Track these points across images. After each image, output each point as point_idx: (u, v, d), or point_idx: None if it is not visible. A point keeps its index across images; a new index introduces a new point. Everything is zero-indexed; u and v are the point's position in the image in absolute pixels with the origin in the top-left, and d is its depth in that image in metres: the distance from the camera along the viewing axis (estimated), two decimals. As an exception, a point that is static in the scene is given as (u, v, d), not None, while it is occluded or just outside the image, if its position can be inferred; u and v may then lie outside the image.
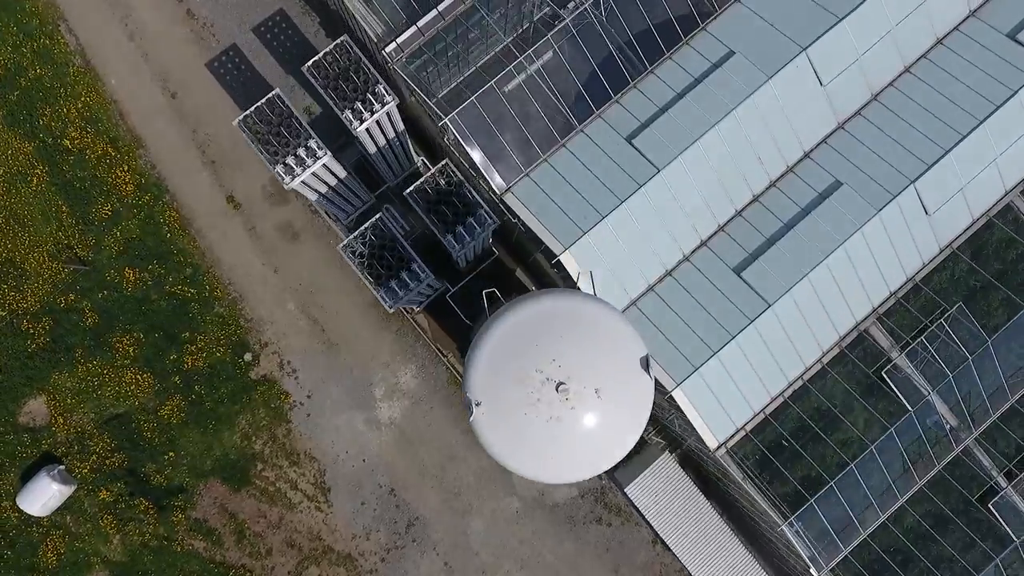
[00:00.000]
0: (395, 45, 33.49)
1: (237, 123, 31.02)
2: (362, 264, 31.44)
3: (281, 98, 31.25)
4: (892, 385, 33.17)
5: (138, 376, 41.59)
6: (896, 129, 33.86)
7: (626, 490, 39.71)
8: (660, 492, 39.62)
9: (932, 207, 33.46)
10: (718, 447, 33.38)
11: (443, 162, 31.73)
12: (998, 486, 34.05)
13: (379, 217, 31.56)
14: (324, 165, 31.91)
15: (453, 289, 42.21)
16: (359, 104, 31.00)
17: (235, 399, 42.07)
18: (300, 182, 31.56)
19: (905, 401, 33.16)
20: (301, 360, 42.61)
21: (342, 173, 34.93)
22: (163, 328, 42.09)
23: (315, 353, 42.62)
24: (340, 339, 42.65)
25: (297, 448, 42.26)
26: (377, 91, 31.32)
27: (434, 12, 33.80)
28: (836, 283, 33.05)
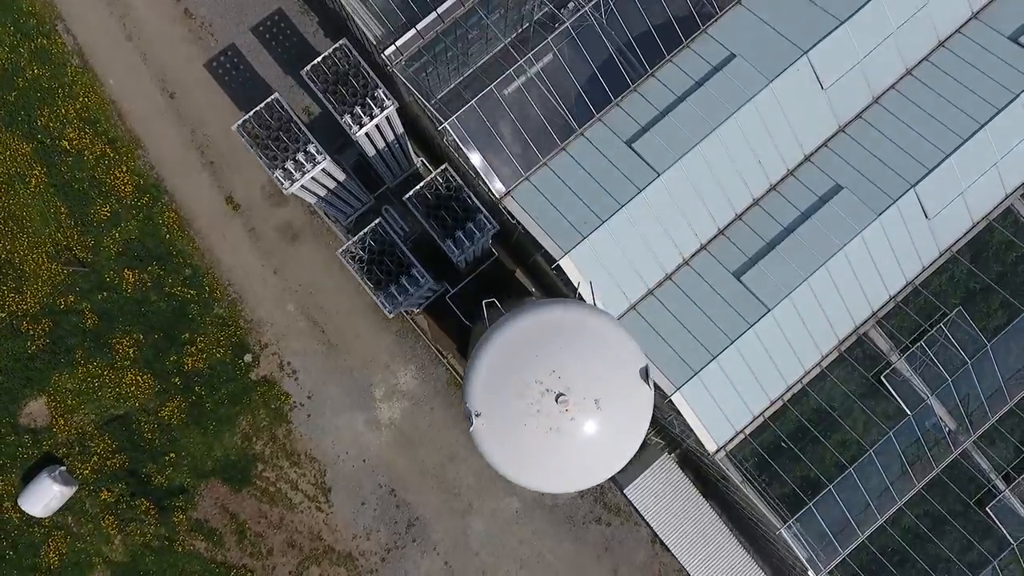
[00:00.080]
0: (394, 48, 33.37)
1: (236, 128, 30.93)
2: (362, 269, 31.41)
3: (280, 102, 31.14)
4: (891, 389, 33.21)
5: (138, 377, 41.62)
6: (897, 132, 33.75)
7: (625, 491, 39.84)
8: (659, 493, 39.75)
9: (932, 211, 33.41)
10: (717, 450, 33.46)
11: (443, 167, 31.66)
12: (996, 489, 34.15)
13: (378, 222, 31.50)
14: (323, 169, 31.83)
15: (453, 290, 42.20)
16: (358, 109, 30.89)
17: (235, 400, 42.12)
18: (299, 187, 31.49)
19: (904, 405, 33.21)
20: (301, 361, 42.64)
21: (341, 176, 34.86)
22: (163, 329, 42.09)
23: (315, 354, 42.64)
24: (340, 340, 42.67)
25: (297, 449, 42.34)
26: (376, 95, 31.21)
27: (433, 15, 33.65)
28: (836, 287, 33.03)
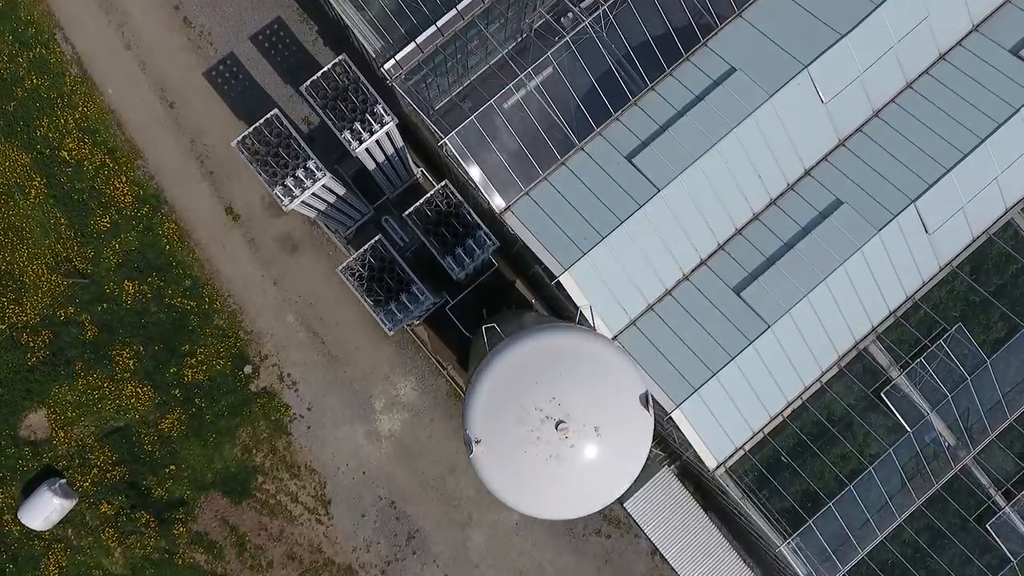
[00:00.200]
0: (394, 62, 33.26)
1: (235, 144, 30.84)
2: (361, 287, 31.34)
3: (279, 118, 31.05)
4: (891, 405, 33.14)
5: (138, 389, 41.58)
6: (897, 146, 33.59)
7: (625, 504, 39.81)
8: (659, 506, 39.71)
9: (932, 226, 33.29)
10: (717, 467, 33.40)
11: (443, 183, 31.57)
12: (996, 505, 34.09)
13: (378, 239, 31.42)
14: (323, 185, 31.75)
15: (453, 301, 42.16)
16: (358, 125, 30.80)
17: (235, 412, 42.09)
18: (299, 203, 31.41)
19: (904, 422, 33.14)
20: (301, 372, 42.60)
21: (341, 190, 34.78)
22: (163, 341, 42.04)
23: (315, 365, 42.60)
24: (340, 351, 42.61)
25: (297, 461, 42.32)
26: (376, 111, 31.12)
27: (433, 28, 33.54)
28: (836, 303, 32.92)
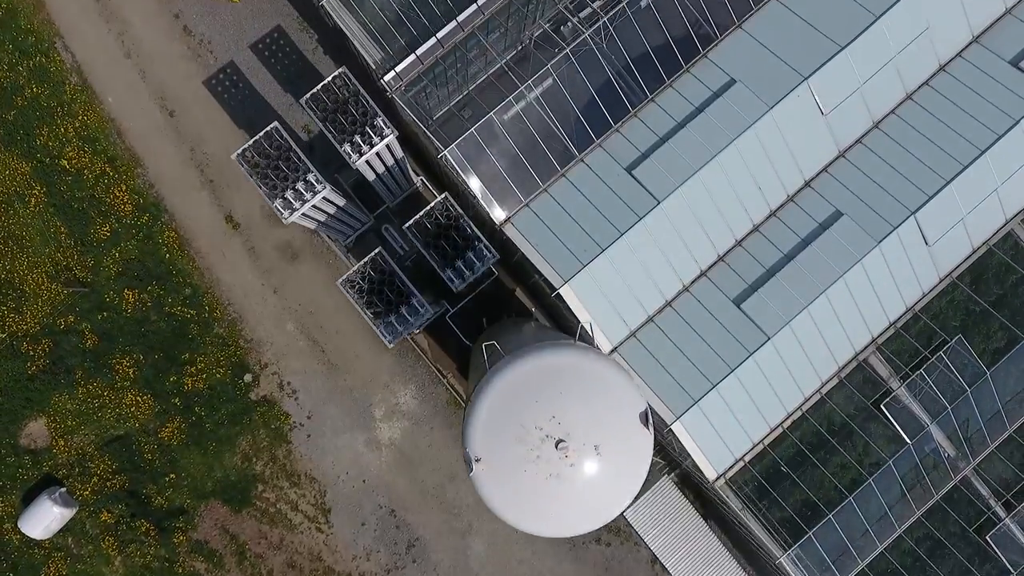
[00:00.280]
0: (394, 74, 33.27)
1: (235, 157, 30.84)
2: (361, 299, 31.35)
3: (279, 131, 31.04)
4: (891, 417, 33.17)
5: (138, 398, 41.60)
6: (897, 158, 33.60)
7: (625, 513, 39.79)
8: (659, 515, 39.75)
9: (932, 238, 33.31)
10: (717, 478, 33.44)
11: (442, 195, 31.58)
12: (996, 517, 34.13)
13: (378, 252, 31.44)
14: (323, 198, 31.76)
15: (453, 310, 42.17)
16: (357, 138, 30.80)
17: (235, 420, 42.12)
18: (299, 215, 31.42)
19: (904, 434, 33.18)
20: (301, 381, 42.61)
21: (341, 201, 34.79)
22: (163, 349, 42.05)
23: (315, 374, 42.62)
24: (340, 360, 42.63)
25: (297, 469, 42.35)
26: (376, 124, 31.12)
27: (433, 40, 33.54)
28: (836, 315, 32.95)
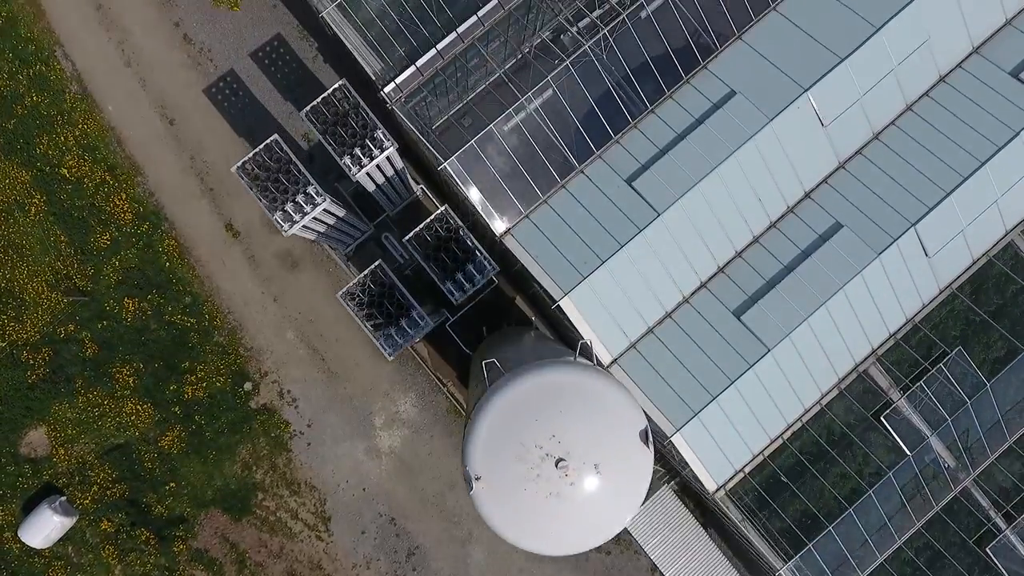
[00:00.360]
0: (394, 85, 33.28)
1: (235, 170, 30.83)
2: (361, 312, 31.36)
3: (279, 143, 31.03)
4: (891, 429, 33.20)
5: (138, 406, 41.62)
6: (897, 169, 33.60)
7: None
8: (659, 524, 39.77)
9: (932, 249, 33.31)
10: (717, 489, 33.47)
11: (442, 208, 31.59)
12: (996, 528, 34.17)
13: (378, 264, 31.44)
14: (323, 209, 31.76)
15: (453, 318, 42.17)
16: (357, 150, 30.80)
17: (235, 429, 42.14)
18: (299, 228, 31.43)
19: (904, 445, 33.21)
20: (301, 389, 42.63)
21: (341, 212, 34.80)
22: (163, 358, 42.07)
23: (315, 382, 42.64)
24: (340, 368, 42.65)
25: (297, 477, 42.38)
26: (376, 136, 31.11)
27: (433, 51, 33.55)
28: (836, 326, 32.95)
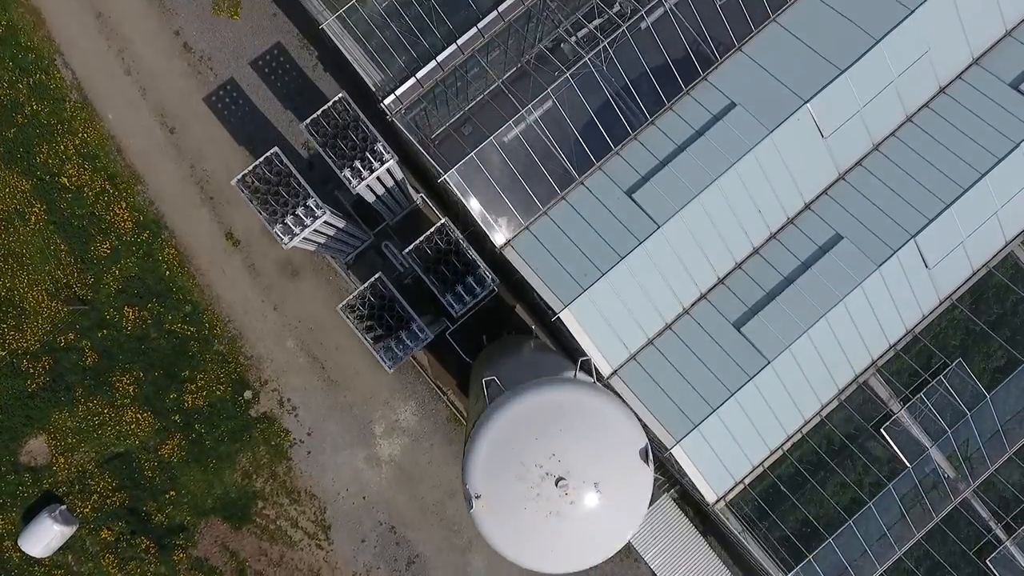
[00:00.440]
0: (394, 97, 33.29)
1: (235, 183, 30.84)
2: (361, 324, 31.37)
3: (279, 157, 31.03)
4: (891, 441, 33.24)
5: (138, 415, 41.64)
6: (897, 181, 33.61)
7: (625, 532, 39.88)
8: (659, 533, 39.79)
9: (932, 261, 33.35)
10: (717, 500, 33.52)
11: (442, 220, 31.60)
12: (997, 540, 34.22)
13: (378, 277, 31.46)
14: (324, 222, 31.78)
15: (453, 327, 42.19)
16: (357, 163, 30.81)
17: (235, 437, 42.17)
18: (299, 240, 31.45)
19: (904, 458, 33.26)
20: (301, 397, 42.66)
21: (341, 223, 34.81)
22: (163, 366, 42.09)
23: (315, 390, 42.66)
24: (340, 376, 42.67)
25: (297, 486, 42.42)
26: (376, 149, 31.12)
27: (433, 63, 33.57)
28: (836, 338, 32.99)
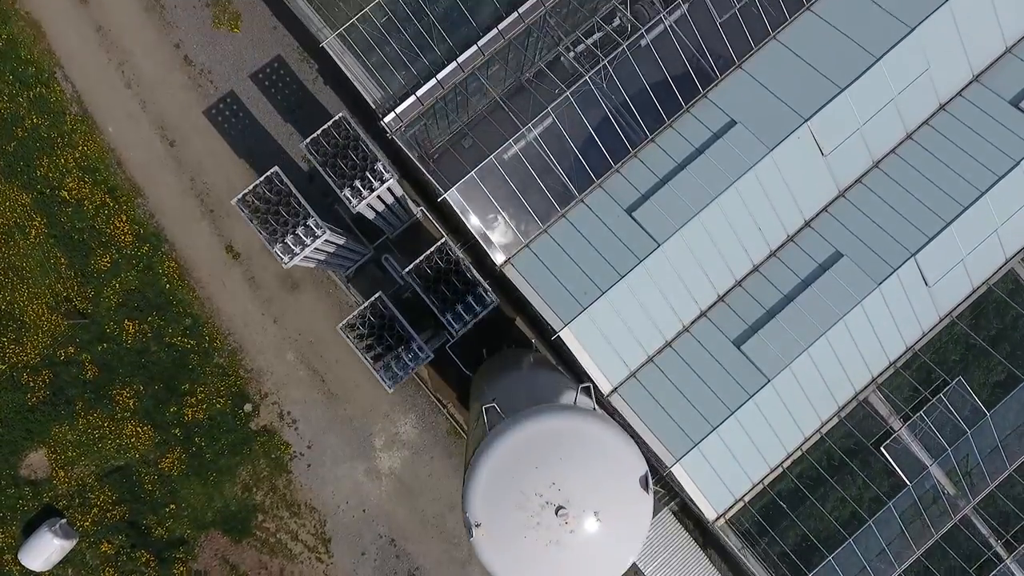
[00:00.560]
0: (394, 115, 33.30)
1: (236, 202, 30.86)
2: (361, 344, 31.39)
3: (280, 176, 31.05)
4: (891, 459, 33.28)
5: (138, 428, 41.66)
6: (897, 198, 33.64)
7: (625, 546, 39.92)
8: (659, 547, 39.82)
9: (932, 279, 33.38)
10: (717, 518, 33.56)
11: (442, 240, 31.62)
12: (997, 558, 34.28)
13: (378, 296, 31.48)
14: (324, 240, 31.80)
15: (453, 340, 42.15)
16: (357, 183, 30.82)
17: (235, 450, 42.20)
18: (299, 259, 31.48)
19: (904, 475, 33.31)
20: (301, 410, 42.69)
21: (341, 240, 34.83)
22: (163, 380, 42.10)
23: (315, 403, 42.69)
24: (340, 389, 42.70)
25: (298, 499, 42.46)
26: (376, 168, 31.12)
27: (433, 81, 33.58)
28: (836, 356, 33.02)
